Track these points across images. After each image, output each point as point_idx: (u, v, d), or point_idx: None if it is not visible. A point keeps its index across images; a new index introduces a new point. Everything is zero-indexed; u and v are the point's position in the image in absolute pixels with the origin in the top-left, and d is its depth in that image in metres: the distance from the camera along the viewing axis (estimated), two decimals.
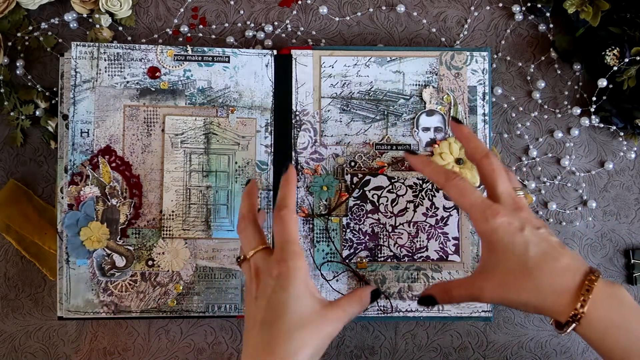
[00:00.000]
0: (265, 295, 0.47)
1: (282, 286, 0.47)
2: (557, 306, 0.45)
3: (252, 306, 0.48)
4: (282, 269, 0.47)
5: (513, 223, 0.47)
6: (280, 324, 0.46)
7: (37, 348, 0.63)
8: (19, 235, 0.62)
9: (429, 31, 0.65)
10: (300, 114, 0.62)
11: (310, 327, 0.46)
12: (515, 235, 0.47)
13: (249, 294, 0.49)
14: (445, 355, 0.64)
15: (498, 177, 0.50)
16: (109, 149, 0.60)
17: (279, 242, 0.49)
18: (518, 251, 0.47)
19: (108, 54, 0.60)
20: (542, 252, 0.47)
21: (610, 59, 0.61)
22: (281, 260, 0.48)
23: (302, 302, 0.47)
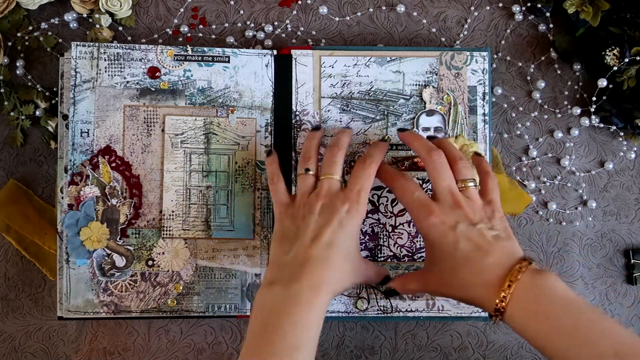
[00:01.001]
0: (332, 219, 0.51)
1: (349, 220, 0.51)
2: (484, 301, 0.48)
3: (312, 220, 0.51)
4: (352, 208, 0.51)
5: (446, 222, 0.50)
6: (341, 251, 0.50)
7: (37, 348, 0.63)
8: (19, 235, 0.62)
9: (429, 31, 0.65)
10: (300, 114, 0.62)
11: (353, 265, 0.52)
12: (447, 234, 0.50)
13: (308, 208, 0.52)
14: (445, 355, 0.64)
15: (437, 174, 0.53)
16: (109, 149, 0.60)
17: (359, 185, 0.53)
18: (448, 250, 0.50)
19: (108, 54, 0.60)
20: (470, 250, 0.49)
21: (610, 59, 0.61)
22: (355, 201, 0.52)
23: (355, 242, 0.52)
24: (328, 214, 0.51)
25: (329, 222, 0.51)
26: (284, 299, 0.47)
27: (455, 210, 0.51)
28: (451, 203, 0.52)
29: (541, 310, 0.46)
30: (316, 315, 0.47)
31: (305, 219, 0.52)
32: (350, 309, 0.61)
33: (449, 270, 0.50)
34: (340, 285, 0.51)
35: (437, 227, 0.50)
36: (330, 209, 0.52)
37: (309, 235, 0.51)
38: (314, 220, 0.51)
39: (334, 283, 0.49)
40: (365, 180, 0.53)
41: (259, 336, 0.47)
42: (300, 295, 0.47)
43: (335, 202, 0.52)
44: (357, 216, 0.52)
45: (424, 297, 0.61)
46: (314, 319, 0.47)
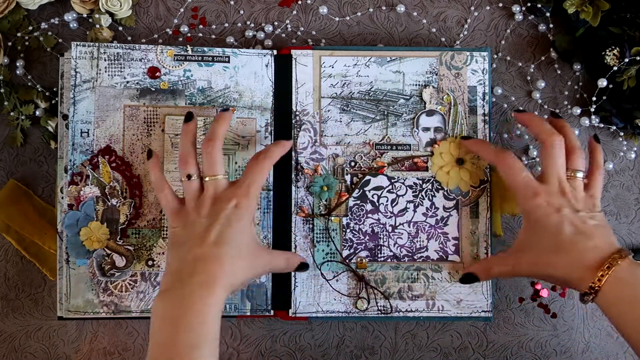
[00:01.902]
0: (218, 219, 0.51)
1: (237, 216, 0.51)
2: (582, 280, 0.50)
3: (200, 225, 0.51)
4: (241, 203, 0.52)
5: (551, 204, 0.52)
6: (229, 247, 0.50)
7: (37, 348, 0.63)
8: (19, 235, 0.62)
9: (429, 31, 0.65)
10: (300, 114, 0.62)
11: (248, 259, 0.52)
12: (551, 215, 0.52)
13: (198, 212, 0.52)
14: (445, 355, 0.64)
15: (552, 159, 0.54)
16: (109, 149, 0.60)
17: (248, 179, 0.53)
18: (552, 230, 0.52)
19: (108, 54, 0.60)
20: (575, 232, 0.51)
21: (610, 59, 0.61)
22: (244, 195, 0.52)
23: (248, 236, 0.52)
24: (215, 213, 0.52)
25: (216, 221, 0.51)
26: (178, 302, 0.48)
27: (561, 196, 0.53)
28: (557, 189, 0.54)
29: (636, 296, 0.48)
30: (212, 312, 0.48)
31: (195, 223, 0.52)
32: (350, 309, 0.61)
33: (550, 250, 0.52)
34: (235, 280, 0.50)
35: (542, 207, 0.52)
36: (217, 209, 0.52)
37: (197, 237, 0.51)
38: (202, 223, 0.51)
39: (227, 279, 0.49)
40: (256, 174, 0.53)
41: (159, 343, 0.47)
42: (192, 296, 0.48)
43: (222, 200, 0.52)
44: (247, 210, 0.52)
45: (424, 297, 0.61)
46: (210, 316, 0.48)
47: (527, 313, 0.64)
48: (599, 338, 0.64)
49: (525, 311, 0.64)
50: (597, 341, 0.64)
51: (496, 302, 0.64)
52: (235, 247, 0.51)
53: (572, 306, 0.64)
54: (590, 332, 0.64)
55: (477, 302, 0.61)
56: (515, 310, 0.64)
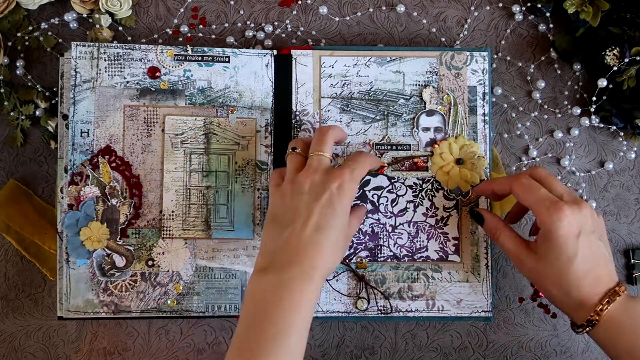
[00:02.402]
0: (320, 198, 0.50)
1: (340, 198, 0.51)
2: (579, 310, 0.51)
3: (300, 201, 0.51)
4: (344, 184, 0.51)
5: (572, 226, 0.51)
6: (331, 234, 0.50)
7: (37, 348, 0.63)
8: (19, 235, 0.62)
9: (429, 31, 0.65)
10: (300, 114, 0.62)
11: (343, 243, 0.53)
12: (570, 239, 0.51)
13: (297, 185, 0.52)
14: (445, 355, 0.64)
15: (550, 182, 0.54)
16: (109, 149, 0.60)
17: (353, 164, 0.53)
18: (567, 254, 0.51)
19: (108, 54, 0.60)
20: (586, 262, 0.51)
21: (610, 59, 0.61)
22: (348, 179, 0.51)
23: (345, 219, 0.52)
24: (317, 191, 0.51)
25: (318, 201, 0.50)
26: (276, 287, 0.48)
27: (581, 211, 0.51)
28: (575, 201, 0.52)
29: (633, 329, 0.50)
30: (308, 299, 0.48)
31: (293, 197, 0.51)
32: (350, 309, 0.61)
33: (561, 272, 0.51)
34: (332, 266, 0.51)
35: (564, 227, 0.51)
36: (319, 186, 0.51)
37: (298, 218, 0.50)
38: (303, 200, 0.51)
39: (325, 267, 0.50)
40: (361, 163, 0.53)
41: (251, 323, 0.47)
42: (291, 282, 0.48)
43: (325, 178, 0.51)
44: (349, 193, 0.51)
45: (424, 297, 0.61)
46: (306, 303, 0.48)
47: (527, 313, 0.64)
48: None
49: (525, 311, 0.64)
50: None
51: (496, 302, 0.64)
52: (335, 234, 0.50)
53: None
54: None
55: (477, 302, 0.61)
56: (515, 310, 0.64)
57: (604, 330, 0.50)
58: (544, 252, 0.52)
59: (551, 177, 0.54)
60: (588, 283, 0.51)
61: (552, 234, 0.51)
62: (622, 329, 0.50)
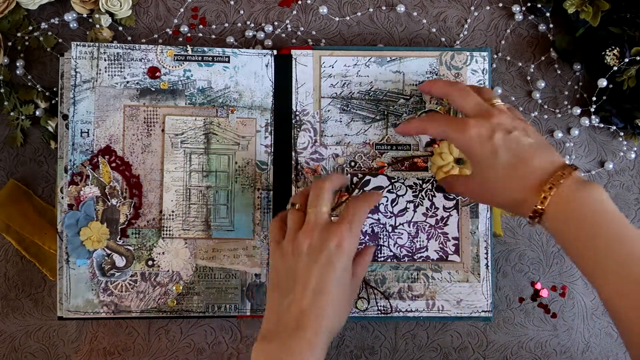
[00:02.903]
0: (319, 259, 0.50)
1: (339, 257, 0.50)
2: (524, 204, 0.49)
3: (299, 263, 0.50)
4: (342, 242, 0.50)
5: (482, 132, 0.50)
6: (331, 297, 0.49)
7: (37, 348, 0.63)
8: (19, 235, 0.62)
9: (429, 31, 0.65)
10: (300, 114, 0.62)
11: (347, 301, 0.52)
12: (484, 144, 0.50)
13: (296, 246, 0.51)
14: (445, 355, 0.64)
15: (462, 96, 0.53)
16: (109, 149, 0.60)
17: (348, 216, 0.51)
18: (488, 160, 0.50)
19: (108, 54, 0.60)
20: (510, 157, 0.49)
21: (610, 59, 0.61)
22: (347, 234, 0.50)
23: (347, 277, 0.51)
24: (316, 252, 0.50)
25: (316, 263, 0.49)
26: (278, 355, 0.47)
27: (489, 120, 0.51)
28: (484, 114, 0.51)
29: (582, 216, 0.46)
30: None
31: (293, 259, 0.51)
32: (350, 309, 0.61)
33: (491, 179, 0.51)
34: (338, 326, 0.51)
35: (474, 140, 0.50)
36: (317, 247, 0.50)
37: (298, 283, 0.50)
38: (302, 262, 0.50)
39: (328, 330, 0.49)
40: (359, 212, 0.52)
41: None
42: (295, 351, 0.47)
43: (323, 237, 0.50)
44: (349, 250, 0.50)
45: (424, 297, 0.61)
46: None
47: (527, 313, 0.64)
48: (599, 338, 0.64)
49: (525, 311, 0.64)
50: (597, 341, 0.64)
51: (496, 302, 0.64)
52: (337, 293, 0.49)
53: (572, 306, 0.64)
54: (590, 332, 0.64)
55: (477, 302, 0.61)
56: (515, 310, 0.64)
57: (553, 219, 0.48)
58: (475, 170, 0.53)
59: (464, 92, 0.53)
60: (523, 174, 0.49)
61: (466, 150, 0.51)
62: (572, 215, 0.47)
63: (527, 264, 0.64)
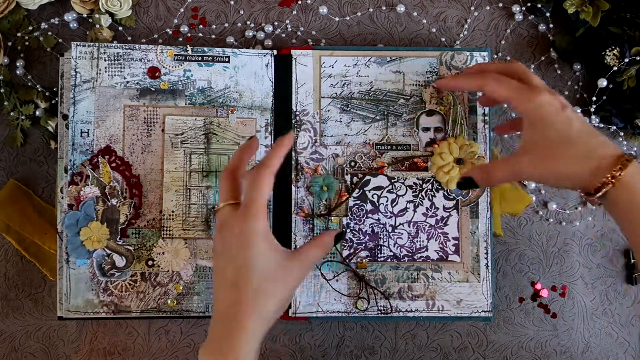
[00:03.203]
0: (229, 253, 0.48)
1: (244, 245, 0.48)
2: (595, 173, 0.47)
3: (218, 261, 0.49)
4: (242, 228, 0.48)
5: (554, 102, 0.50)
6: (246, 283, 0.47)
7: (37, 348, 0.63)
8: (19, 235, 0.62)
9: (429, 31, 0.65)
10: (300, 114, 0.62)
11: (276, 282, 0.48)
12: (559, 112, 0.50)
13: (215, 247, 0.50)
14: (445, 355, 0.64)
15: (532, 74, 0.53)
16: (109, 149, 0.60)
17: (246, 199, 0.49)
18: (562, 125, 0.49)
19: (108, 54, 0.60)
20: (584, 128, 0.49)
21: (610, 59, 0.61)
22: (242, 218, 0.48)
23: (265, 259, 0.48)
24: (226, 247, 0.49)
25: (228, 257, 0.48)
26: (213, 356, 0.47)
27: (556, 95, 0.50)
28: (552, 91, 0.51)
29: None
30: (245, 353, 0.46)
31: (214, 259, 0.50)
32: (350, 309, 0.61)
33: (559, 142, 0.49)
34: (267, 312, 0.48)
35: (548, 105, 0.49)
36: (226, 242, 0.49)
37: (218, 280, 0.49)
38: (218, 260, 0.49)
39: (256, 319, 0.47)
40: (256, 190, 0.49)
41: None
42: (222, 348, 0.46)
43: (228, 230, 0.49)
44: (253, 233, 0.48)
45: (424, 297, 0.61)
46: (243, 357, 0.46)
47: (527, 313, 0.64)
48: (599, 338, 0.64)
49: (525, 311, 0.64)
50: (597, 341, 0.64)
51: (496, 302, 0.64)
52: (254, 280, 0.47)
53: (572, 306, 0.64)
54: (590, 332, 0.64)
55: (477, 302, 0.61)
56: (515, 310, 0.64)
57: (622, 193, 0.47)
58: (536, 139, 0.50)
59: (529, 72, 0.53)
60: (597, 143, 0.48)
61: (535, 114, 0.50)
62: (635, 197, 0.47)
63: (527, 264, 0.64)
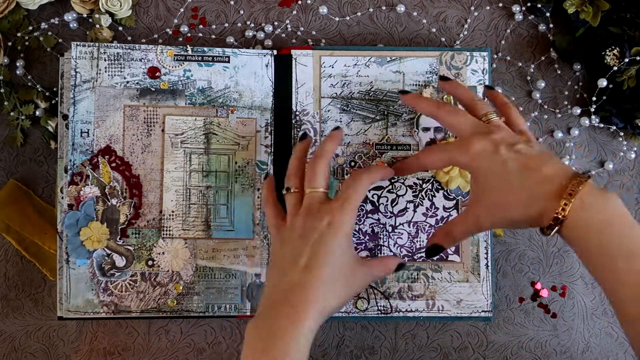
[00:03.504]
0: (311, 237, 0.49)
1: (331, 236, 0.49)
2: (543, 213, 0.46)
3: (294, 242, 0.50)
4: (334, 220, 0.49)
5: (486, 147, 0.48)
6: (321, 273, 0.48)
7: (37, 348, 0.63)
8: (19, 235, 0.62)
9: (429, 31, 0.65)
10: (300, 114, 0.62)
11: (345, 281, 0.49)
12: (491, 157, 0.48)
13: (291, 229, 0.51)
14: (445, 355, 0.64)
15: (455, 118, 0.51)
16: (109, 149, 0.60)
17: (344, 194, 0.50)
18: (497, 171, 0.48)
19: (108, 54, 0.60)
20: (520, 166, 0.47)
21: (610, 59, 0.61)
22: (338, 211, 0.49)
23: (344, 257, 0.49)
24: (308, 232, 0.49)
25: (308, 241, 0.49)
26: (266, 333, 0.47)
27: (490, 136, 0.49)
28: (483, 132, 0.50)
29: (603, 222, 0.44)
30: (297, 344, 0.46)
31: (289, 242, 0.51)
32: (350, 309, 0.61)
33: (502, 192, 0.48)
34: (328, 305, 0.48)
35: (480, 154, 0.48)
36: (311, 226, 0.50)
37: (289, 260, 0.49)
38: (295, 243, 0.50)
39: (317, 307, 0.47)
40: (353, 190, 0.50)
41: None
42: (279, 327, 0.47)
43: (316, 217, 0.50)
44: (342, 227, 0.49)
45: (424, 297, 0.61)
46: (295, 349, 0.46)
47: (527, 313, 0.64)
48: (599, 338, 0.64)
49: (525, 311, 0.64)
50: (597, 341, 0.64)
51: (496, 302, 0.64)
52: (328, 270, 0.48)
53: (572, 306, 0.64)
54: (590, 332, 0.64)
55: (477, 302, 0.61)
56: (515, 310, 0.64)
57: (573, 227, 0.45)
58: (479, 190, 0.49)
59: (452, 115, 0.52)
60: (536, 182, 0.46)
61: (472, 167, 0.49)
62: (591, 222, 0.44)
63: (527, 264, 0.64)
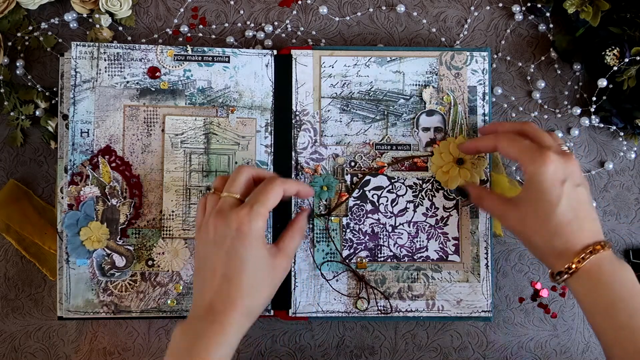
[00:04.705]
0: (224, 244, 0.50)
1: (241, 242, 0.50)
2: (560, 257, 0.51)
3: (207, 248, 0.51)
4: (242, 226, 0.49)
5: (558, 173, 0.51)
6: (240, 281, 0.50)
7: (37, 348, 0.63)
8: (19, 235, 0.62)
9: (429, 31, 0.65)
10: (300, 114, 0.62)
11: (265, 281, 0.51)
12: (555, 185, 0.51)
13: (205, 232, 0.52)
14: (445, 355, 0.64)
15: (542, 134, 0.54)
16: (109, 149, 0.60)
17: (253, 199, 0.51)
18: (551, 200, 0.51)
19: (108, 54, 0.60)
20: (570, 209, 0.51)
21: (610, 59, 0.61)
22: (246, 217, 0.50)
23: (258, 259, 0.50)
24: (221, 237, 0.50)
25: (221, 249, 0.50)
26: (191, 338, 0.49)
27: (566, 163, 0.52)
28: (562, 154, 0.52)
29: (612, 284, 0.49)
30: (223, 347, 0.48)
31: (204, 246, 0.52)
32: (350, 309, 0.61)
33: (545, 218, 0.51)
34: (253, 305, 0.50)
35: (549, 174, 0.51)
36: (221, 233, 0.50)
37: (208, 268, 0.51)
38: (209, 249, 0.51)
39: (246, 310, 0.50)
40: (263, 195, 0.51)
41: None
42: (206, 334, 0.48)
43: (225, 222, 0.50)
44: (250, 234, 0.49)
45: (424, 297, 0.61)
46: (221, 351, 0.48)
47: (527, 313, 0.64)
48: None
49: (525, 311, 0.64)
50: (597, 341, 0.64)
51: (496, 302, 0.64)
52: (245, 277, 0.50)
53: (572, 306, 0.64)
54: (590, 332, 0.64)
55: (477, 302, 0.61)
56: (515, 310, 0.64)
57: (583, 281, 0.50)
58: (527, 200, 0.52)
59: (540, 131, 0.54)
60: (571, 230, 0.51)
61: (535, 179, 0.51)
62: (601, 282, 0.49)
63: (527, 264, 0.64)
